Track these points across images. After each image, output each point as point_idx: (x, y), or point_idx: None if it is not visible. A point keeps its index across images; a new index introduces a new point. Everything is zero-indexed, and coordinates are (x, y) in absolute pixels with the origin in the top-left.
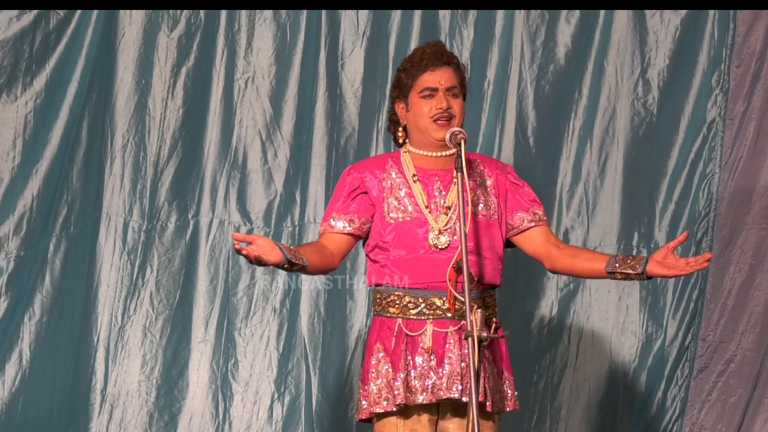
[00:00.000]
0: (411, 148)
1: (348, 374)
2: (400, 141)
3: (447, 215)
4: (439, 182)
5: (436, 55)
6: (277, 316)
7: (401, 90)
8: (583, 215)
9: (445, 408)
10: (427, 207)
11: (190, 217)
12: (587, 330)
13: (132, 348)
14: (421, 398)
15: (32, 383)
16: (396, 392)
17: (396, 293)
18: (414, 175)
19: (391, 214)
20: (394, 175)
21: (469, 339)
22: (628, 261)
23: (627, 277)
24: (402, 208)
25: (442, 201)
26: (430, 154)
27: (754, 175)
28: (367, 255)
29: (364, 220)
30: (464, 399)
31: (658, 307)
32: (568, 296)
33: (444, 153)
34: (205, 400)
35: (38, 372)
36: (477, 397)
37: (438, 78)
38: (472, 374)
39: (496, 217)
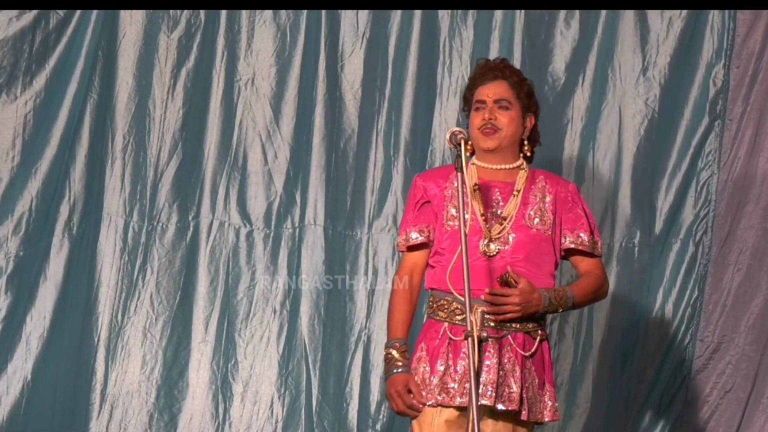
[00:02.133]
0: (476, 161)
1: (348, 375)
2: (468, 153)
3: (501, 225)
4: (498, 193)
5: (489, 69)
6: (277, 317)
7: (467, 104)
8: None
9: (481, 413)
10: (483, 215)
11: (190, 218)
12: (587, 330)
13: (132, 348)
14: (458, 401)
15: (33, 383)
16: (429, 392)
17: (446, 298)
18: (476, 185)
19: (449, 222)
20: (456, 185)
21: (469, 339)
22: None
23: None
24: (459, 216)
25: (498, 211)
26: (489, 166)
27: (753, 175)
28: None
29: (432, 228)
30: (499, 406)
31: (657, 307)
32: None
33: (503, 166)
34: (205, 400)
35: (39, 372)
36: (477, 397)
37: (487, 91)
38: (472, 374)
39: (550, 232)
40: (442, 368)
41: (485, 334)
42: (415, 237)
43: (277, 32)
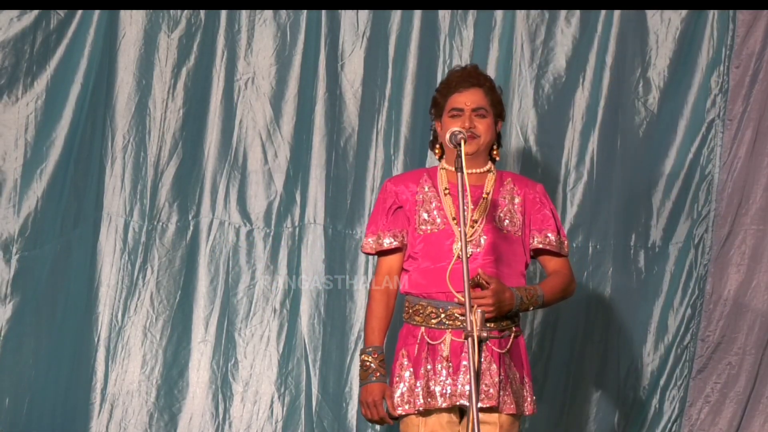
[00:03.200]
0: (446, 165)
1: (348, 374)
2: (436, 157)
3: (473, 227)
4: (468, 196)
5: (465, 77)
6: (277, 317)
7: (437, 110)
8: (582, 215)
9: (466, 412)
10: (454, 219)
11: (190, 217)
12: (585, 330)
13: (132, 348)
14: (440, 403)
15: (34, 383)
16: (417, 397)
17: (420, 303)
18: (446, 189)
19: (422, 227)
20: (426, 189)
21: (469, 339)
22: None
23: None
24: (431, 220)
25: (470, 214)
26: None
27: (753, 176)
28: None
29: (406, 233)
30: (481, 405)
31: (656, 308)
32: None
33: (475, 170)
34: (205, 400)
35: (40, 372)
36: (477, 398)
37: (465, 99)
38: (471, 374)
39: (520, 233)
40: (424, 373)
41: (485, 334)
42: (389, 242)
43: (277, 32)
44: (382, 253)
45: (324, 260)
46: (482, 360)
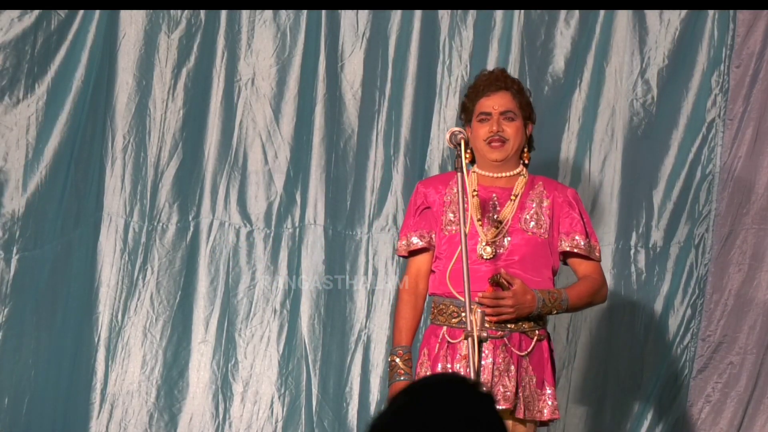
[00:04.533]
0: (476, 169)
1: (348, 374)
2: (467, 161)
3: (497, 228)
4: (495, 198)
5: (492, 80)
6: (278, 317)
7: (466, 115)
8: None
9: None
10: (479, 220)
11: (190, 218)
12: (585, 330)
13: (132, 348)
14: None
15: (34, 382)
16: None
17: (444, 302)
18: (474, 191)
19: (447, 227)
20: (455, 191)
21: (469, 339)
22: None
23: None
24: (457, 221)
25: (495, 216)
26: (491, 174)
27: (753, 176)
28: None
29: (434, 233)
30: (499, 406)
31: (657, 307)
32: None
33: (504, 174)
34: (205, 400)
35: (40, 372)
36: None
37: (492, 103)
38: (472, 374)
39: (546, 236)
40: (441, 371)
41: (485, 334)
42: (416, 242)
43: (277, 32)
44: (412, 253)
45: (324, 261)
46: (500, 360)
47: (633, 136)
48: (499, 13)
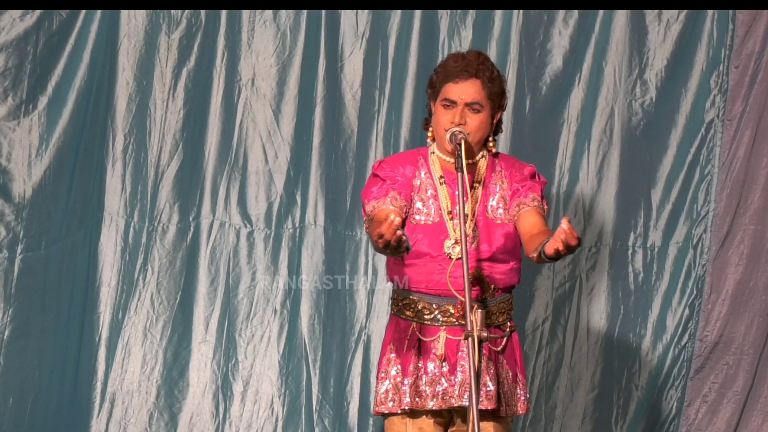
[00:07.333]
0: (436, 151)
1: (348, 374)
2: (429, 139)
3: (466, 224)
4: (468, 195)
5: (463, 66)
6: (278, 317)
7: (432, 91)
8: (580, 215)
9: (456, 415)
10: (449, 213)
11: (191, 218)
12: (582, 329)
13: (133, 348)
14: (431, 404)
15: (35, 382)
16: (403, 396)
17: (411, 297)
18: (441, 177)
19: (416, 216)
20: (423, 175)
21: (469, 339)
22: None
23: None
24: (426, 210)
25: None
26: (451, 160)
27: (752, 176)
28: None
29: (406, 201)
30: (483, 407)
31: (654, 307)
32: (563, 295)
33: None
34: (205, 399)
35: (44, 372)
36: (477, 397)
37: (459, 91)
38: (472, 374)
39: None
40: (413, 370)
41: (485, 334)
42: (390, 202)
43: (277, 32)
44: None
45: (324, 261)
46: (482, 360)
47: (631, 137)
48: (498, 13)
